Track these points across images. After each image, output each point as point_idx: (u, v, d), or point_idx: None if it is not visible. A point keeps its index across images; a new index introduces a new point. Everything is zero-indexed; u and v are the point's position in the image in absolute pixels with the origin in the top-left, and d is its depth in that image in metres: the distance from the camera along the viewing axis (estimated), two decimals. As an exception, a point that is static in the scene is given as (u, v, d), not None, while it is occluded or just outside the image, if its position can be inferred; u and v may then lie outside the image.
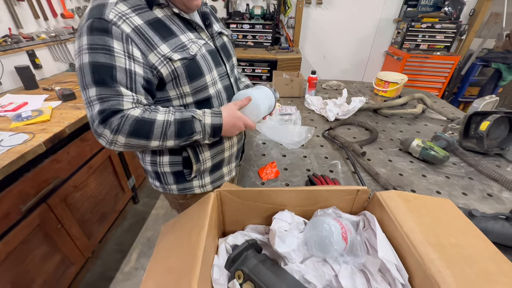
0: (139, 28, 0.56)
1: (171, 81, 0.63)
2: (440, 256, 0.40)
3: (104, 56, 0.53)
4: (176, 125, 0.60)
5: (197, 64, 0.64)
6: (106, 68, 0.54)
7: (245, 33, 2.75)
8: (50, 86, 1.56)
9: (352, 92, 1.67)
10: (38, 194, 1.03)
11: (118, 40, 0.54)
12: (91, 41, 0.53)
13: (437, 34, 2.62)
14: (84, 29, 0.54)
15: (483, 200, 0.79)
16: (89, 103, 0.56)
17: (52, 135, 1.06)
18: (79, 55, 0.55)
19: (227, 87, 0.75)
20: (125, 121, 0.55)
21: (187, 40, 0.63)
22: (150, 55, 0.58)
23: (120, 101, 0.55)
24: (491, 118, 0.96)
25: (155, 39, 0.58)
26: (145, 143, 0.59)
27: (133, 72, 0.56)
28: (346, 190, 0.56)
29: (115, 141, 0.57)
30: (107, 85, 0.54)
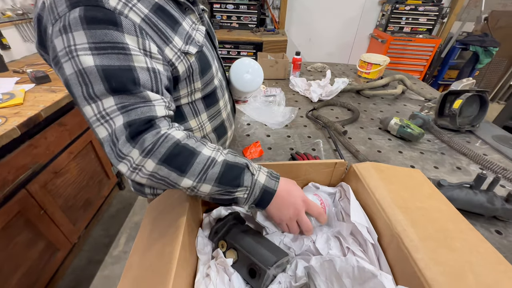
0: (149, 18, 0.45)
1: (186, 78, 0.54)
2: (406, 217, 0.43)
3: (117, 57, 0.41)
4: (223, 167, 0.46)
5: (205, 55, 0.56)
6: (124, 71, 0.41)
7: (230, 13, 2.66)
8: (21, 69, 1.46)
9: (336, 74, 1.68)
10: (16, 180, 1.00)
11: (130, 35, 0.42)
12: (94, 38, 0.39)
13: (420, 17, 2.65)
14: (72, 21, 0.39)
15: (452, 173, 0.85)
16: (103, 117, 0.41)
17: (26, 119, 1.01)
18: (71, 58, 0.40)
19: (223, 74, 0.70)
20: (163, 142, 0.42)
21: (189, 27, 0.53)
22: (166, 50, 0.47)
23: (151, 107, 0.43)
24: (463, 97, 1.01)
25: (167, 30, 0.48)
26: (176, 179, 0.44)
27: (156, 71, 0.45)
28: (325, 163, 0.59)
29: (142, 166, 0.42)
30: (129, 92, 0.41)
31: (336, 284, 0.38)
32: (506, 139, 1.03)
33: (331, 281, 0.39)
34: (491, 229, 0.66)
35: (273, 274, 0.44)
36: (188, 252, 0.46)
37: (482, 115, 1.06)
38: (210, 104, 0.64)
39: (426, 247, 0.39)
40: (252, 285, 0.44)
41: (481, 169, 0.87)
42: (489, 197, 0.65)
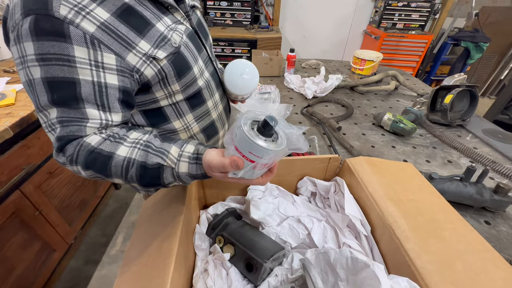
0: (107, 25, 0.43)
1: (158, 82, 0.52)
2: (398, 209, 0.45)
3: (61, 69, 0.40)
4: (138, 169, 0.44)
5: (182, 56, 0.54)
6: (66, 84, 0.41)
7: (223, 11, 2.64)
8: (12, 68, 1.44)
9: (331, 71, 1.69)
10: (10, 181, 0.98)
11: (80, 46, 0.40)
12: (40, 49, 0.39)
13: (412, 13, 2.67)
14: (23, 31, 0.39)
15: (444, 166, 0.87)
16: (50, 126, 0.43)
17: (19, 119, 1.00)
18: (23, 68, 0.41)
19: (213, 73, 0.67)
20: (79, 151, 0.43)
21: (165, 28, 0.51)
22: (129, 56, 0.45)
23: (81, 127, 0.43)
24: (454, 92, 1.04)
25: (130, 35, 0.45)
26: (109, 178, 0.46)
27: (103, 85, 0.44)
28: (319, 159, 0.60)
29: (78, 171, 0.45)
30: (69, 106, 0.42)
31: (331, 275, 0.39)
32: (495, 132, 1.06)
33: (326, 272, 0.40)
34: (480, 219, 0.68)
35: (269, 268, 0.45)
36: (186, 248, 0.46)
37: (472, 109, 1.08)
38: (196, 105, 0.62)
39: (416, 237, 0.40)
40: (250, 278, 0.45)
41: (471, 162, 0.89)
42: (478, 189, 0.68)
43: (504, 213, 0.69)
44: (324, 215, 0.55)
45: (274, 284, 0.43)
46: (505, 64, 3.21)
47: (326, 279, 0.40)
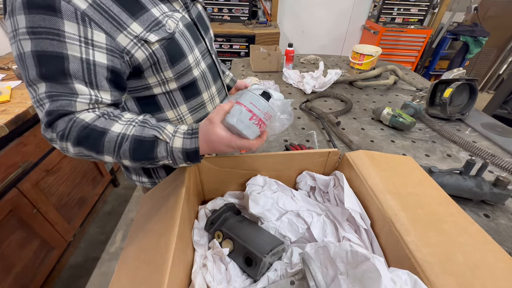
0: (99, 3, 0.43)
1: (150, 67, 0.52)
2: (397, 202, 0.44)
3: (50, 43, 0.41)
4: (132, 143, 0.45)
5: (177, 43, 0.53)
6: (55, 59, 0.42)
7: (221, 6, 2.61)
8: (6, 65, 1.42)
9: (329, 66, 1.68)
10: (7, 179, 0.98)
11: (70, 21, 0.41)
12: (31, 22, 0.40)
13: (411, 7, 2.65)
14: (17, 5, 0.40)
15: (443, 160, 0.86)
16: (38, 101, 0.44)
17: (14, 116, 0.99)
18: (15, 41, 0.42)
19: (210, 66, 0.66)
20: (72, 127, 0.43)
21: (161, 14, 0.51)
22: (119, 37, 0.45)
23: (71, 102, 0.43)
24: (453, 85, 1.03)
25: (122, 16, 0.45)
26: (98, 157, 0.47)
27: (91, 62, 0.44)
28: (318, 153, 0.59)
29: (66, 148, 0.46)
30: (57, 81, 0.42)
31: (331, 268, 0.39)
32: (494, 126, 1.05)
33: (326, 266, 0.40)
34: (480, 213, 0.68)
35: (269, 262, 0.45)
36: (185, 244, 0.46)
37: (471, 103, 1.08)
38: (191, 96, 0.62)
39: (416, 230, 0.40)
40: (249, 273, 0.45)
41: (471, 156, 0.89)
42: (478, 182, 0.67)
43: (503, 206, 0.69)
44: (324, 209, 0.54)
45: (273, 279, 0.43)
46: (504, 58, 3.21)
47: (325, 273, 0.39)
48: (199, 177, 0.60)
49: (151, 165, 0.49)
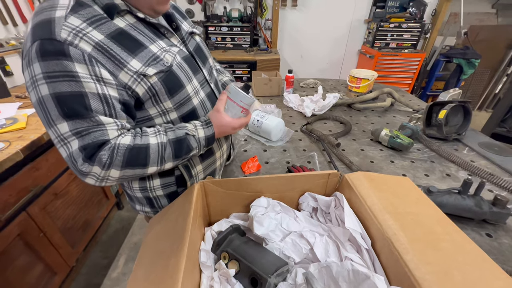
0: (102, 45, 0.47)
1: (149, 98, 0.56)
2: (396, 222, 0.46)
3: (68, 84, 0.44)
4: (172, 145, 0.55)
5: (174, 75, 0.57)
6: (74, 97, 0.45)
7: (224, 35, 2.79)
8: (23, 94, 1.51)
9: (328, 89, 1.76)
10: (18, 203, 1.01)
11: (80, 63, 0.45)
12: (46, 68, 0.44)
13: (404, 33, 2.80)
14: (32, 55, 0.44)
15: (442, 180, 0.88)
16: (62, 140, 0.46)
17: (29, 142, 1.04)
18: (34, 88, 0.45)
19: (209, 95, 0.70)
20: (117, 152, 0.48)
21: (159, 49, 0.56)
22: (121, 74, 0.50)
23: (103, 131, 0.47)
24: (447, 107, 1.07)
25: (122, 55, 0.49)
26: (142, 171, 0.53)
27: (108, 96, 0.48)
28: (319, 175, 0.62)
29: (108, 176, 0.50)
30: (82, 117, 0.46)
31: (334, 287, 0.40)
32: (491, 145, 1.08)
33: (329, 286, 0.41)
34: (482, 232, 0.68)
35: (274, 283, 0.46)
36: (192, 265, 0.47)
37: (466, 124, 1.12)
38: None
39: (415, 249, 0.41)
40: (254, 294, 0.46)
41: (470, 175, 0.91)
42: (477, 201, 0.69)
43: (505, 225, 0.70)
44: (326, 230, 0.56)
45: (278, 300, 0.43)
46: (498, 78, 3.30)
47: (329, 293, 0.40)
48: (206, 199, 0.62)
49: (185, 158, 0.60)
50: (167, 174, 0.68)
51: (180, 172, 0.68)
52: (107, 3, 0.49)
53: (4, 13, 1.62)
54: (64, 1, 0.47)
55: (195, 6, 2.87)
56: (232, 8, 2.78)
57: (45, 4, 0.47)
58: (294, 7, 2.90)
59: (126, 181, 0.57)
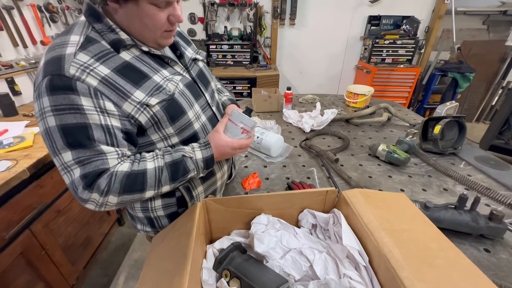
0: (107, 79, 0.51)
1: (152, 126, 0.59)
2: (392, 239, 0.48)
3: (73, 116, 0.48)
4: (169, 168, 0.57)
5: (176, 103, 0.60)
6: (79, 128, 0.48)
7: (225, 53, 2.89)
8: (31, 112, 1.56)
9: (326, 105, 1.80)
10: (22, 221, 1.02)
11: (86, 97, 0.48)
12: (54, 101, 0.47)
13: (399, 49, 2.89)
14: (42, 89, 0.48)
15: (440, 194, 0.90)
16: (65, 168, 0.49)
17: (35, 160, 1.07)
18: (42, 119, 0.49)
19: (211, 118, 0.72)
20: (115, 179, 0.51)
21: (162, 79, 0.59)
22: (125, 105, 0.53)
23: (104, 160, 0.50)
24: (442, 122, 1.10)
25: (127, 87, 0.53)
26: (139, 196, 0.55)
27: (110, 126, 0.51)
28: (317, 192, 0.64)
29: (106, 202, 0.52)
30: (85, 147, 0.49)
31: (333, 306, 0.41)
32: (487, 159, 1.10)
33: (328, 303, 0.42)
34: (480, 247, 0.69)
35: (274, 301, 0.47)
36: (195, 283, 0.49)
37: (461, 138, 1.14)
38: None
39: (410, 266, 0.43)
40: (255, 312, 0.47)
41: (467, 189, 0.92)
42: (473, 217, 0.70)
43: (502, 240, 0.71)
44: (325, 247, 0.57)
45: (279, 318, 0.44)
46: (494, 90, 3.37)
47: (328, 311, 0.41)
48: (207, 216, 0.64)
49: (183, 181, 0.61)
50: (168, 195, 0.69)
51: (181, 193, 0.69)
52: (113, 39, 0.53)
53: (15, 36, 1.70)
54: (75, 37, 0.51)
55: (197, 26, 2.99)
56: (232, 27, 2.90)
57: (58, 41, 0.51)
58: (292, 26, 3.02)
59: (125, 205, 0.57)
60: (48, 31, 1.98)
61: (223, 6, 2.83)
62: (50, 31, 2.00)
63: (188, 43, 0.76)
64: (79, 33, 0.52)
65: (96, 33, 0.53)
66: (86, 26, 0.53)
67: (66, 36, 0.51)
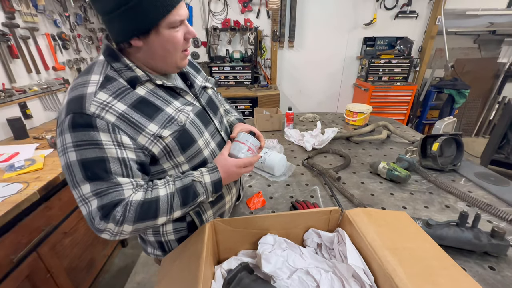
0: (124, 115, 0.55)
1: (164, 156, 0.62)
2: (395, 257, 0.50)
3: (93, 151, 0.52)
4: (179, 194, 0.59)
5: (187, 132, 0.63)
6: (97, 162, 0.52)
7: (227, 74, 3.00)
8: (41, 135, 1.61)
9: (327, 123, 1.85)
10: (30, 243, 1.03)
11: (104, 132, 0.53)
12: (76, 138, 0.51)
13: (395, 68, 3.00)
14: (65, 127, 0.52)
15: (442, 211, 0.91)
16: (83, 200, 0.53)
17: (46, 182, 1.10)
18: (64, 154, 0.53)
19: (220, 143, 0.74)
20: (130, 209, 0.54)
21: (174, 110, 0.62)
22: (139, 138, 0.57)
23: (120, 191, 0.54)
24: (439, 140, 1.14)
25: (141, 121, 0.57)
26: (153, 223, 0.57)
27: (126, 159, 0.55)
28: (321, 212, 0.66)
29: (121, 231, 0.55)
30: (102, 179, 0.52)
31: (340, 325, 0.43)
32: (486, 175, 1.12)
33: (336, 323, 0.43)
34: (485, 265, 0.70)
35: (283, 322, 0.48)
36: (204, 304, 0.50)
37: (460, 155, 1.17)
38: None
39: (414, 285, 0.44)
40: (265, 334, 0.48)
41: (468, 206, 0.94)
42: (475, 234, 0.71)
43: (506, 257, 0.72)
44: (331, 266, 0.58)
45: None
46: (490, 106, 3.43)
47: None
48: (215, 237, 0.66)
49: (193, 205, 0.63)
50: (179, 219, 0.70)
51: (191, 218, 0.71)
52: (131, 77, 0.58)
53: (29, 63, 1.80)
54: (95, 77, 0.56)
55: (200, 49, 3.14)
56: (234, 50, 3.03)
57: (79, 80, 0.56)
58: (291, 47, 3.16)
59: (139, 233, 0.60)
60: (60, 58, 2.09)
61: (225, 31, 2.98)
62: (62, 57, 2.12)
63: (198, 71, 0.80)
64: (98, 72, 0.57)
65: (114, 71, 0.58)
66: (105, 65, 0.58)
67: (87, 76, 0.56)
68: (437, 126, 1.63)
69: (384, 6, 2.97)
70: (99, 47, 2.55)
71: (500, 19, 3.04)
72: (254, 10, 2.96)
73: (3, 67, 1.63)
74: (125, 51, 0.60)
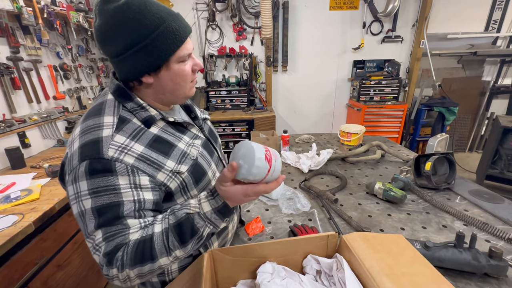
0: (142, 155, 0.54)
1: (180, 191, 0.61)
2: (393, 284, 0.50)
3: (108, 197, 0.50)
4: (174, 231, 0.50)
5: (199, 165, 0.64)
6: (112, 208, 0.50)
7: (223, 98, 3.09)
8: (38, 164, 1.61)
9: (322, 144, 1.89)
10: (22, 279, 0.99)
11: (123, 176, 0.51)
12: (92, 185, 0.49)
13: (385, 88, 3.12)
14: (80, 173, 0.49)
15: (440, 232, 0.91)
16: (95, 248, 0.50)
17: (41, 214, 1.08)
18: (77, 202, 0.50)
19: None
20: (126, 251, 0.49)
21: (185, 145, 0.63)
22: (159, 175, 0.56)
23: (126, 236, 0.50)
24: (431, 159, 1.17)
25: (159, 158, 0.57)
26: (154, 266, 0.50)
27: (142, 200, 0.53)
28: (319, 237, 0.67)
29: (126, 277, 0.50)
30: (112, 223, 0.50)
31: None
32: (481, 193, 1.14)
33: None
34: (486, 287, 0.69)
35: None
36: None
37: (452, 174, 1.19)
38: None
39: (413, 312, 0.44)
40: None
41: (465, 225, 0.94)
42: (473, 255, 0.71)
43: (506, 278, 0.71)
44: (331, 295, 0.58)
45: None
46: (480, 121, 3.53)
47: None
48: (214, 267, 0.65)
49: (200, 241, 0.52)
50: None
51: (198, 252, 0.68)
52: (145, 117, 0.59)
53: (31, 93, 1.85)
54: (108, 119, 0.55)
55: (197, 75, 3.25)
56: (230, 75, 3.15)
57: (91, 123, 0.54)
58: (285, 71, 3.30)
59: (148, 278, 0.52)
60: (61, 87, 2.15)
61: (221, 57, 3.12)
62: (63, 86, 2.18)
63: (194, 104, 0.83)
64: (111, 113, 0.56)
65: (128, 111, 0.58)
66: (116, 105, 0.58)
67: (99, 118, 0.55)
68: (430, 143, 1.67)
69: (370, 31, 3.16)
70: (99, 76, 2.64)
71: (479, 40, 3.23)
72: (249, 38, 3.12)
73: (4, 98, 1.66)
74: (134, 88, 0.61)
